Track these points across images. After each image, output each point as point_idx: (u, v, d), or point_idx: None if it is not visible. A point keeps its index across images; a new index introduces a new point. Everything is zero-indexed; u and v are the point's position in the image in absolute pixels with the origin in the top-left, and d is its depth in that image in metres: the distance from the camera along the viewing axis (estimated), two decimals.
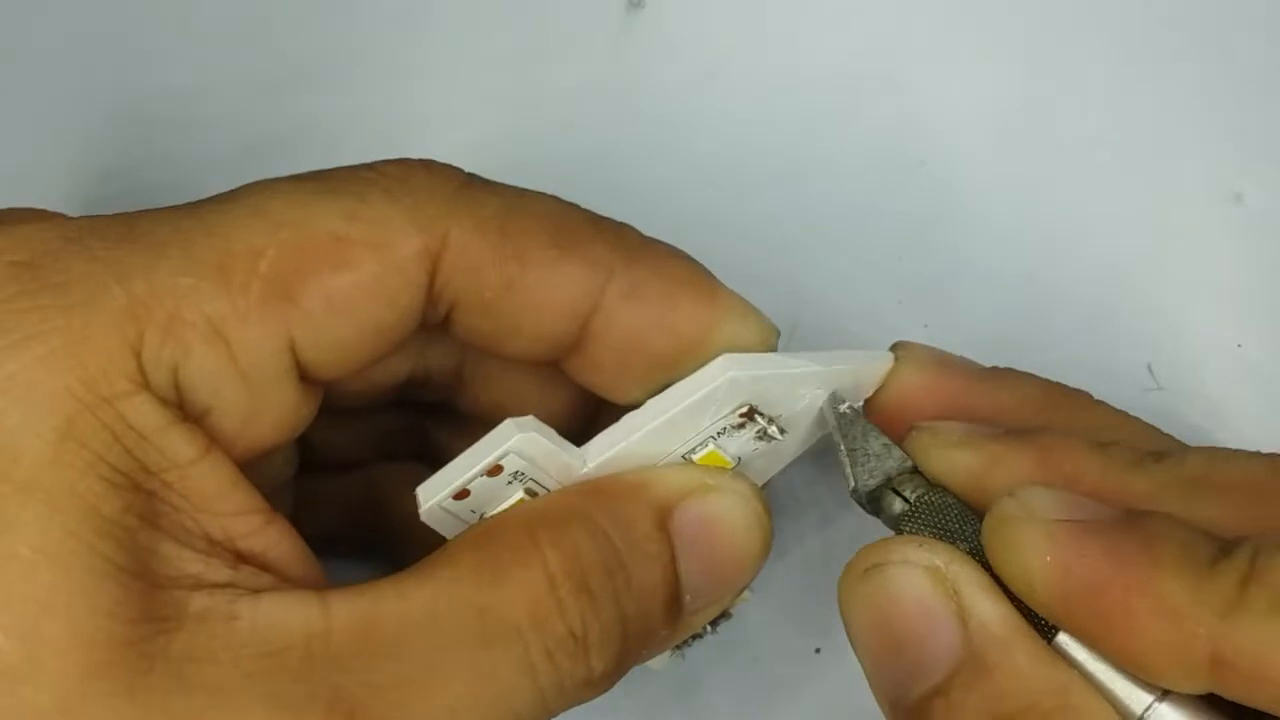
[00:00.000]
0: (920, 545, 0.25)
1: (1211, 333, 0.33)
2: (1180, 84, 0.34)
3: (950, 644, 0.25)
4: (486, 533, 0.25)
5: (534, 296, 0.26)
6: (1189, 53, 0.34)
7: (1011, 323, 0.34)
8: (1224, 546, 0.23)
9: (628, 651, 0.26)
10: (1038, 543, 0.24)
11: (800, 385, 0.28)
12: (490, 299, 0.26)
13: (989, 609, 0.24)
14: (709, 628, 0.29)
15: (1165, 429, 0.28)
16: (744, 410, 0.27)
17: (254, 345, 0.24)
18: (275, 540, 0.24)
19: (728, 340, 0.27)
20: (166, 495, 0.23)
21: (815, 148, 0.35)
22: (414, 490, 0.26)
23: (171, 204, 0.25)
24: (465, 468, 0.25)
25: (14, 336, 0.22)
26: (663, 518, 0.26)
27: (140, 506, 0.23)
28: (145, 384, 0.23)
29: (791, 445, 0.29)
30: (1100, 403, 0.28)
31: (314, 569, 0.25)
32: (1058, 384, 0.28)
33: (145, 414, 0.23)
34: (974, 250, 0.34)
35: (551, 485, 0.26)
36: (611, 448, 0.26)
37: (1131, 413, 0.28)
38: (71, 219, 0.25)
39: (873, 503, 0.27)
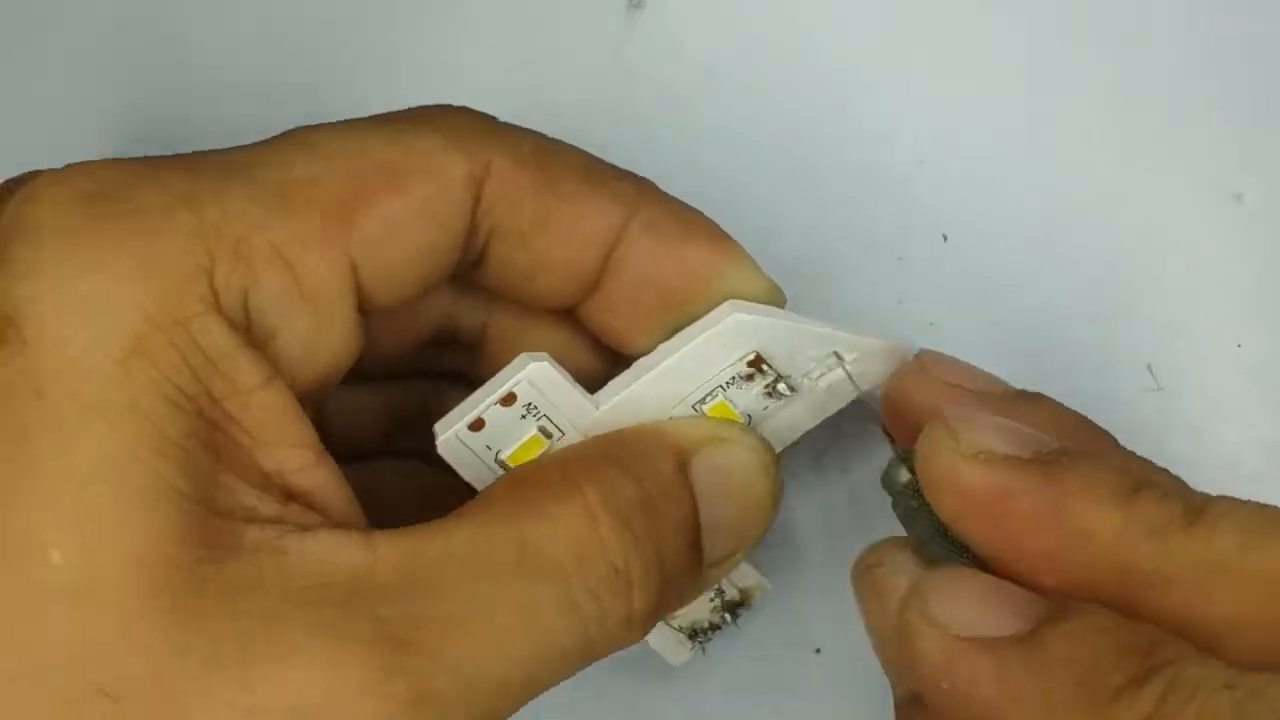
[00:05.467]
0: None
1: (1211, 333, 0.33)
2: (1180, 83, 0.34)
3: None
4: (521, 476, 0.26)
5: (566, 228, 0.27)
6: (1189, 52, 0.34)
7: (1011, 322, 0.34)
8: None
9: (664, 593, 0.26)
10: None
11: (808, 345, 0.28)
12: (527, 230, 0.27)
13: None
14: (728, 617, 0.30)
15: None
16: (751, 358, 0.28)
17: (317, 269, 0.25)
18: (323, 480, 0.25)
19: (735, 288, 0.28)
20: (226, 425, 0.23)
21: (815, 148, 0.35)
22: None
23: None
24: (480, 398, 0.27)
25: (87, 259, 0.23)
26: (682, 464, 0.27)
27: (203, 433, 0.23)
28: (217, 306, 0.23)
29: (801, 415, 0.29)
30: (1126, 450, 0.27)
31: (358, 513, 0.25)
32: (1086, 419, 0.27)
33: (215, 336, 0.23)
34: (973, 250, 0.34)
35: (564, 425, 0.27)
36: (623, 389, 0.27)
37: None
38: (133, 158, 0.25)
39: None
